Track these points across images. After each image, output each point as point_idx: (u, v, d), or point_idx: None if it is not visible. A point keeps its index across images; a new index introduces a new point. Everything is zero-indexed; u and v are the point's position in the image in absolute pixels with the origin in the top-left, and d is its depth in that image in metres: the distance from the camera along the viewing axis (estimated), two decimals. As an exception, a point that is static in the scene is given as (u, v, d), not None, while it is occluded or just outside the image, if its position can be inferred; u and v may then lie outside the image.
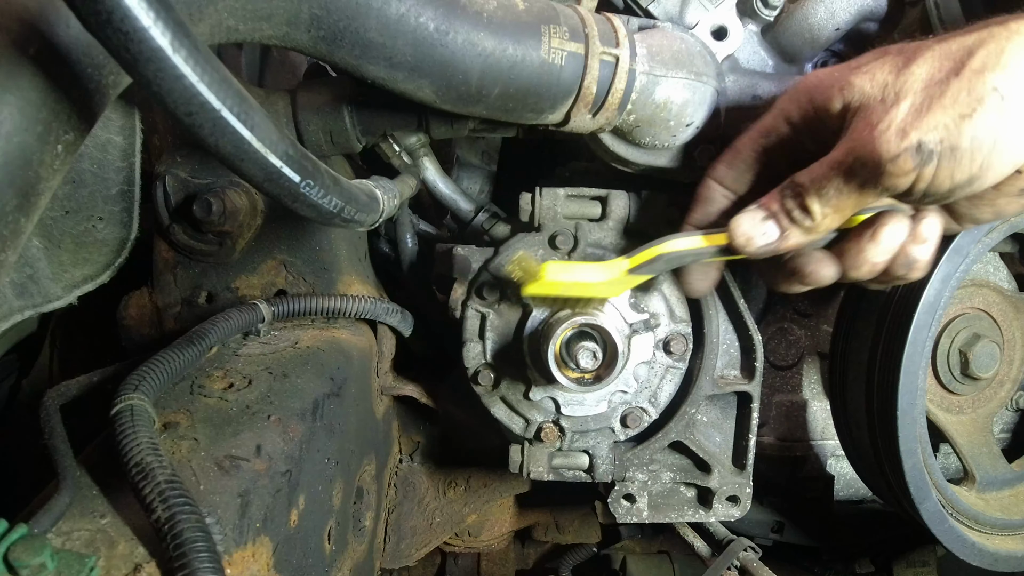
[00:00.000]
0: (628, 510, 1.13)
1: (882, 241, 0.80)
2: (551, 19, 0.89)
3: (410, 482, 1.41)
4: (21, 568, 0.55)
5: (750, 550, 1.20)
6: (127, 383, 0.74)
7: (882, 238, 0.80)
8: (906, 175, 0.70)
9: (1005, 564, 1.14)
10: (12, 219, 0.59)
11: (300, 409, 0.88)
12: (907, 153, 0.69)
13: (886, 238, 0.80)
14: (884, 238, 0.80)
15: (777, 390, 1.38)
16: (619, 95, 0.92)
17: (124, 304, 1.16)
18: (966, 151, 0.68)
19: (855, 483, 1.42)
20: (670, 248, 0.87)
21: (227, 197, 1.05)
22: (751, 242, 0.81)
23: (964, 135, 0.67)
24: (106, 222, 0.89)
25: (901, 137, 0.69)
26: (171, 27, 0.51)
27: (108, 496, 0.68)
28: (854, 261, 0.82)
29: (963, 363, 1.19)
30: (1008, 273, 1.26)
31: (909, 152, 0.69)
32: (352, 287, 1.18)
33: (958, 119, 0.67)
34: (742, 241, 0.82)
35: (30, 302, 0.81)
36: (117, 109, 0.85)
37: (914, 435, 1.03)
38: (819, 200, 0.77)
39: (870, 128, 0.72)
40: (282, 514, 0.78)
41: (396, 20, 0.79)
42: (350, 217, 0.79)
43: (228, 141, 0.59)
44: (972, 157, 0.68)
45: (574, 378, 0.95)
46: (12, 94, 0.57)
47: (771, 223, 0.81)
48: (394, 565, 1.39)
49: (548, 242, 1.05)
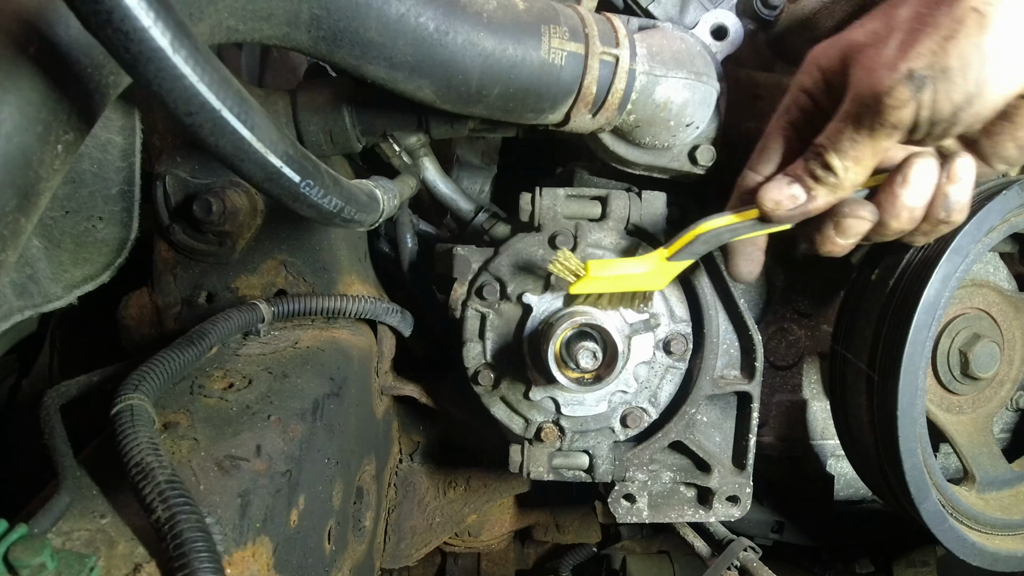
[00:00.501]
0: (628, 510, 1.13)
1: (913, 182, 0.80)
2: (551, 19, 0.89)
3: (410, 482, 1.41)
4: (21, 568, 0.55)
5: (750, 550, 1.20)
6: (127, 383, 0.74)
7: (912, 179, 0.80)
8: (905, 105, 0.72)
9: (1005, 564, 1.14)
10: (12, 219, 0.59)
11: (300, 409, 0.88)
12: (901, 83, 0.71)
13: (916, 178, 0.80)
14: (914, 178, 0.80)
15: (777, 390, 1.38)
16: (619, 95, 0.92)
17: (124, 304, 1.16)
18: (956, 70, 0.69)
19: (855, 483, 1.41)
20: (705, 227, 0.88)
21: (227, 197, 1.05)
22: (780, 205, 0.83)
23: (951, 55, 0.69)
24: (106, 222, 0.89)
25: (893, 70, 0.72)
26: (171, 27, 0.51)
27: (108, 496, 0.68)
28: (891, 208, 0.82)
29: (963, 363, 1.19)
30: (1008, 273, 1.26)
31: (902, 82, 0.71)
32: (352, 287, 1.18)
33: (942, 42, 0.69)
34: (771, 206, 0.84)
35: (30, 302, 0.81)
36: (117, 109, 0.85)
37: (914, 435, 1.03)
38: (837, 154, 0.79)
39: (866, 71, 0.75)
40: (282, 514, 0.78)
41: (396, 20, 0.79)
42: (350, 217, 0.79)
43: (228, 141, 0.59)
44: (964, 75, 0.69)
45: (574, 378, 0.95)
46: (12, 94, 0.57)
47: (797, 186, 0.83)
48: (394, 565, 1.39)
49: (548, 242, 1.05)
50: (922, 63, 0.70)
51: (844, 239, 0.86)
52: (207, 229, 1.07)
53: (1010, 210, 1.04)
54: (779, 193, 0.83)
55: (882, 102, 0.73)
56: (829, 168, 0.80)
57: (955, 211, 0.83)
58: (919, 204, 0.82)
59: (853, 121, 0.77)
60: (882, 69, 0.73)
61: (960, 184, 0.81)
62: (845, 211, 0.84)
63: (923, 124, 0.73)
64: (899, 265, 1.07)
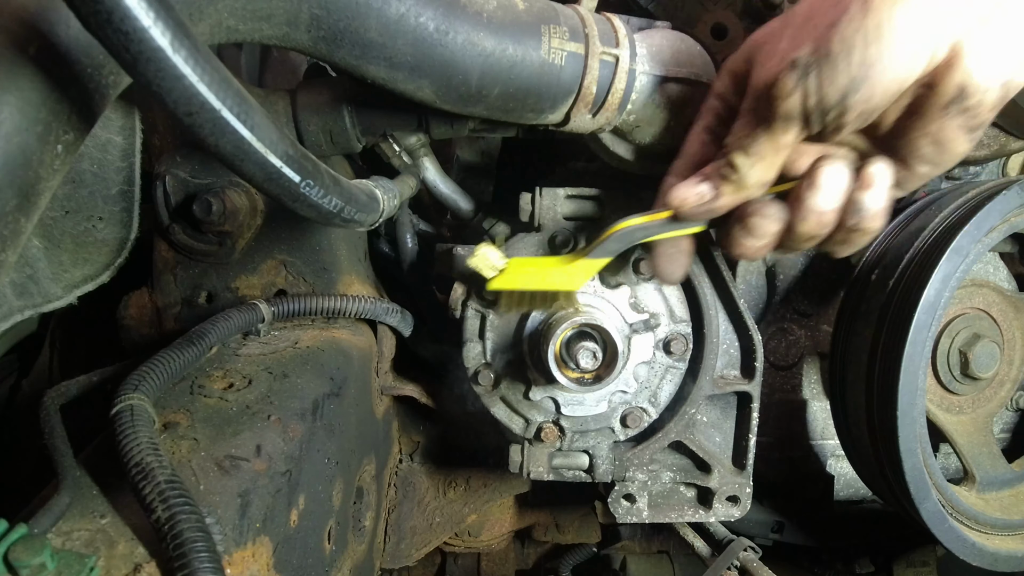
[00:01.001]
0: (628, 510, 1.13)
1: (821, 185, 0.78)
2: (551, 19, 0.89)
3: (410, 482, 1.41)
4: (21, 568, 0.55)
5: (750, 550, 1.20)
6: (127, 383, 0.74)
7: (819, 181, 0.78)
8: (792, 93, 0.71)
9: (1005, 564, 1.14)
10: (12, 219, 0.59)
11: (300, 409, 0.88)
12: (786, 72, 0.71)
13: (824, 181, 0.78)
14: (822, 181, 0.78)
15: (777, 390, 1.38)
16: (619, 95, 0.92)
17: (124, 304, 1.16)
18: (839, 54, 0.68)
19: (855, 483, 1.42)
20: (619, 226, 0.89)
21: (227, 197, 1.05)
22: (685, 203, 0.83)
23: (832, 41, 0.68)
24: (106, 222, 0.89)
25: (780, 63, 0.72)
26: (171, 27, 0.51)
27: (108, 496, 0.68)
28: (799, 212, 0.80)
29: (963, 363, 1.19)
30: (1008, 273, 1.26)
31: (787, 71, 0.71)
32: (352, 287, 1.18)
33: (826, 29, 0.69)
34: (677, 203, 0.84)
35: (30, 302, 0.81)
36: (117, 109, 0.85)
37: (914, 435, 1.03)
38: (739, 151, 0.79)
39: (759, 66, 0.76)
40: (282, 514, 0.78)
41: (396, 20, 0.79)
42: (350, 217, 0.79)
43: (228, 141, 0.59)
44: (847, 58, 0.68)
45: (574, 378, 0.95)
46: (12, 94, 0.57)
47: (705, 184, 0.83)
48: (394, 565, 1.39)
49: (548, 242, 1.05)
50: (805, 51, 0.70)
51: (752, 239, 0.84)
52: (207, 229, 1.07)
53: (1010, 210, 1.04)
54: (686, 191, 0.83)
55: (770, 93, 0.73)
56: (732, 166, 0.80)
57: (867, 218, 0.79)
58: (827, 208, 0.79)
59: (751, 117, 0.77)
60: (772, 62, 0.74)
61: (872, 190, 0.78)
62: (750, 210, 0.83)
63: (813, 112, 0.72)
64: (899, 265, 1.07)
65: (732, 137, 0.80)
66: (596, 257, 0.91)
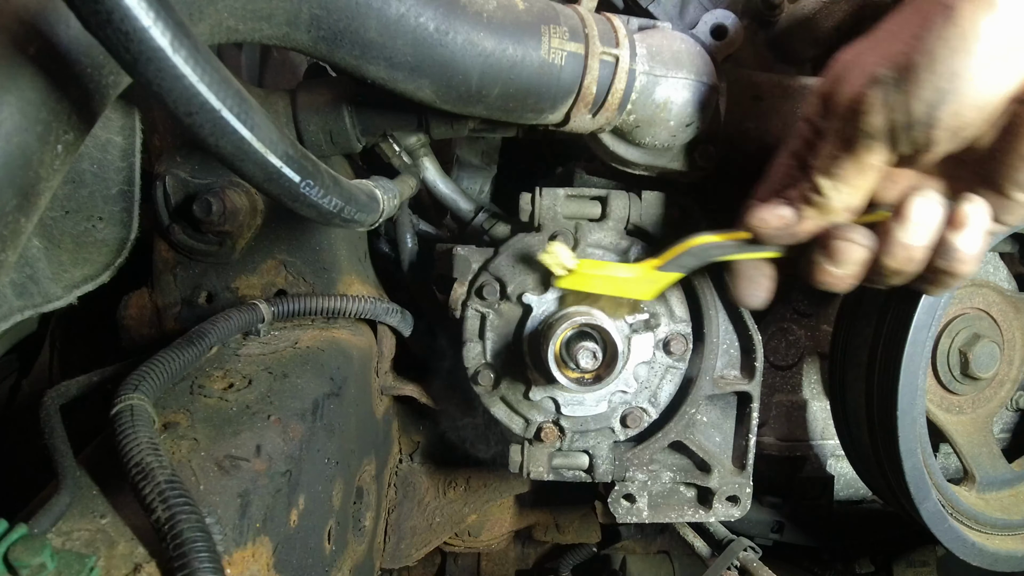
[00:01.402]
0: (628, 510, 1.13)
1: (910, 218, 0.74)
2: (551, 19, 0.89)
3: (410, 482, 1.41)
4: (21, 568, 0.55)
5: (750, 550, 1.20)
6: (127, 383, 0.74)
7: (909, 214, 0.74)
8: (875, 109, 0.69)
9: (1005, 564, 1.14)
10: (12, 219, 0.59)
11: (300, 409, 0.88)
12: (868, 88, 0.69)
13: (914, 214, 0.74)
14: (912, 214, 0.74)
15: (777, 390, 1.38)
16: (619, 95, 0.92)
17: (124, 304, 1.16)
18: (923, 66, 0.65)
19: (855, 483, 1.42)
20: (695, 241, 0.88)
21: (227, 197, 1.05)
22: (766, 224, 0.81)
23: (917, 52, 0.66)
24: (106, 222, 0.89)
25: (863, 78, 0.70)
26: (171, 27, 0.51)
27: (108, 496, 0.68)
28: (886, 245, 0.77)
29: (963, 363, 1.19)
30: (1008, 273, 1.26)
31: (871, 85, 0.69)
32: (352, 287, 1.18)
33: (910, 40, 0.67)
34: (756, 223, 0.82)
35: (30, 302, 0.81)
36: (117, 109, 0.85)
37: (914, 435, 1.03)
38: (823, 173, 0.76)
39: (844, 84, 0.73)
40: (282, 514, 0.78)
41: (396, 20, 0.79)
42: (350, 217, 0.79)
43: (228, 141, 0.59)
44: (932, 70, 0.65)
45: (574, 378, 0.95)
46: (12, 94, 0.57)
47: (787, 208, 0.80)
48: (394, 565, 1.39)
49: (548, 242, 1.05)
50: (889, 64, 0.68)
51: (837, 267, 0.81)
52: (207, 229, 1.07)
53: (1010, 210, 1.04)
54: (767, 212, 0.81)
55: (854, 110, 0.71)
56: (816, 188, 0.77)
57: (957, 261, 0.75)
58: (917, 244, 0.75)
59: (836, 138, 0.74)
60: (856, 78, 0.71)
61: (965, 231, 0.73)
62: (835, 233, 0.79)
63: (899, 129, 0.69)
64: (899, 265, 1.07)
65: (817, 160, 0.77)
66: (669, 271, 0.91)
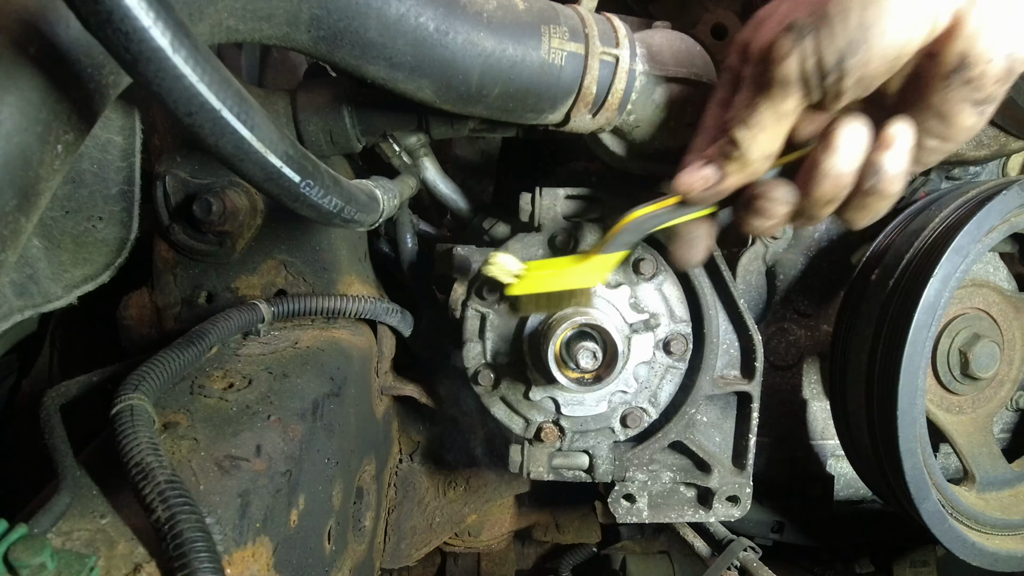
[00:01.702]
0: (628, 510, 1.13)
1: (838, 145, 0.75)
2: (551, 19, 0.89)
3: (410, 482, 1.41)
4: (21, 568, 0.55)
5: (750, 550, 1.20)
6: (127, 383, 0.74)
7: (836, 142, 0.75)
8: (788, 55, 0.70)
9: (1005, 564, 1.14)
10: (12, 219, 0.59)
11: (300, 409, 0.88)
12: (782, 35, 0.70)
13: (841, 141, 0.75)
14: (839, 141, 0.75)
15: (777, 390, 1.38)
16: (619, 95, 0.92)
17: (124, 304, 1.16)
18: (835, 16, 0.67)
19: (855, 483, 1.42)
20: (630, 217, 0.88)
21: (227, 197, 1.05)
22: (692, 187, 0.82)
23: (830, 3, 0.67)
24: (106, 222, 0.89)
25: (777, 26, 0.71)
26: (171, 27, 0.51)
27: (108, 496, 0.68)
28: (813, 177, 0.77)
29: (963, 363, 1.19)
30: (1008, 273, 1.26)
31: (784, 33, 0.70)
32: (352, 287, 1.18)
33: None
34: (684, 189, 0.82)
35: (30, 302, 0.81)
36: (117, 109, 0.85)
37: (914, 435, 1.03)
38: (740, 125, 0.77)
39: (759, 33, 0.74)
40: (282, 514, 0.78)
41: (396, 20, 0.79)
42: (350, 217, 0.79)
43: (228, 141, 0.59)
44: (844, 19, 0.67)
45: (574, 378, 0.95)
46: (12, 94, 0.57)
47: (710, 167, 0.81)
48: (394, 565, 1.39)
49: (548, 242, 1.05)
50: (803, 13, 0.69)
51: (763, 220, 0.82)
52: (207, 229, 1.07)
53: (1010, 210, 1.05)
54: (691, 176, 0.82)
55: (768, 57, 0.72)
56: (734, 141, 0.78)
57: (885, 181, 0.75)
58: (844, 170, 0.76)
59: (751, 86, 0.75)
60: (770, 27, 0.72)
61: (892, 151, 0.74)
62: (758, 192, 0.81)
63: (811, 76, 0.70)
64: (899, 265, 1.07)
65: (732, 111, 0.78)
66: (611, 251, 0.91)
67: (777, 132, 0.77)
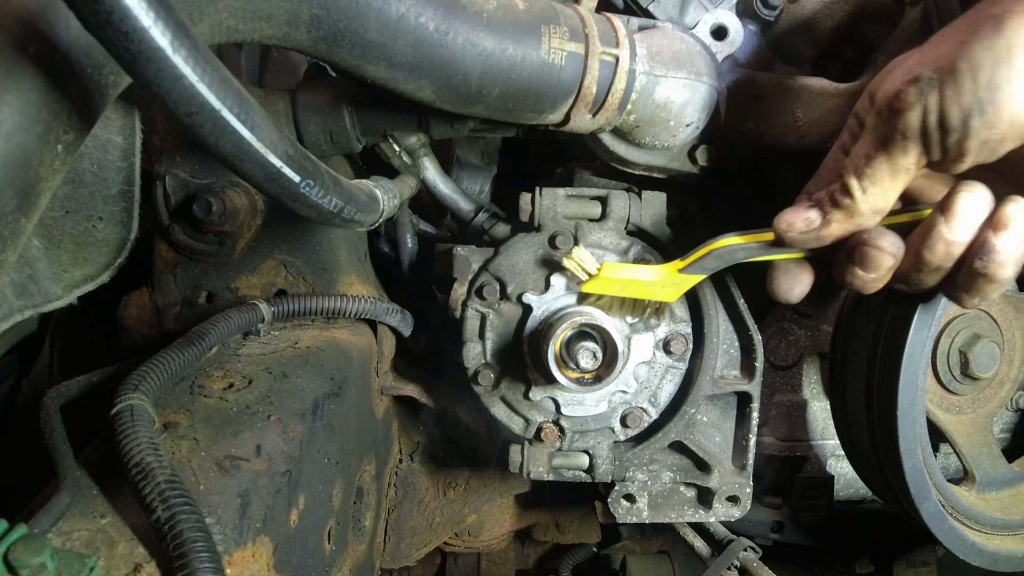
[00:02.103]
0: (628, 510, 1.13)
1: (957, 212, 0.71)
2: (551, 19, 0.89)
3: (410, 482, 1.41)
4: (21, 568, 0.55)
5: (750, 550, 1.20)
6: (127, 383, 0.74)
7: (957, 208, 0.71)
8: (911, 108, 0.68)
9: (1005, 564, 1.14)
10: (12, 219, 0.59)
11: (300, 409, 0.88)
12: (907, 87, 0.68)
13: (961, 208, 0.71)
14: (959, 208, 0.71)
15: (777, 390, 1.38)
16: (619, 95, 0.92)
17: (124, 304, 1.16)
18: (964, 72, 0.64)
19: (855, 483, 1.42)
20: (719, 244, 0.87)
21: (227, 197, 1.05)
22: (792, 227, 0.79)
23: (960, 58, 0.65)
24: (106, 222, 0.89)
25: (904, 77, 0.69)
26: (171, 27, 0.51)
27: (108, 496, 0.68)
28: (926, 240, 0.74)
29: (963, 363, 1.19)
30: (1008, 273, 1.26)
31: (909, 84, 0.68)
32: (352, 287, 1.18)
33: (956, 46, 0.66)
34: (783, 227, 0.80)
35: (30, 302, 0.81)
36: (117, 109, 0.85)
37: (914, 435, 1.03)
38: (854, 174, 0.74)
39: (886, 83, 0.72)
40: (282, 514, 0.78)
41: (396, 20, 0.79)
42: (350, 217, 0.79)
43: (228, 141, 0.59)
44: (973, 78, 0.64)
45: (574, 378, 0.95)
46: (12, 94, 0.57)
47: (814, 210, 0.79)
48: (394, 565, 1.39)
49: (548, 242, 1.05)
50: (930, 66, 0.67)
51: (865, 272, 0.78)
52: (207, 229, 1.07)
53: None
54: (794, 215, 0.79)
55: (890, 107, 0.69)
56: (846, 189, 0.75)
57: (995, 263, 0.72)
58: (957, 239, 0.72)
59: (871, 136, 0.73)
60: (899, 76, 0.70)
61: (1007, 233, 0.70)
62: (865, 240, 0.77)
63: (933, 132, 0.68)
64: (899, 265, 1.07)
65: (849, 159, 0.75)
66: (692, 273, 0.90)
67: (892, 187, 0.74)
